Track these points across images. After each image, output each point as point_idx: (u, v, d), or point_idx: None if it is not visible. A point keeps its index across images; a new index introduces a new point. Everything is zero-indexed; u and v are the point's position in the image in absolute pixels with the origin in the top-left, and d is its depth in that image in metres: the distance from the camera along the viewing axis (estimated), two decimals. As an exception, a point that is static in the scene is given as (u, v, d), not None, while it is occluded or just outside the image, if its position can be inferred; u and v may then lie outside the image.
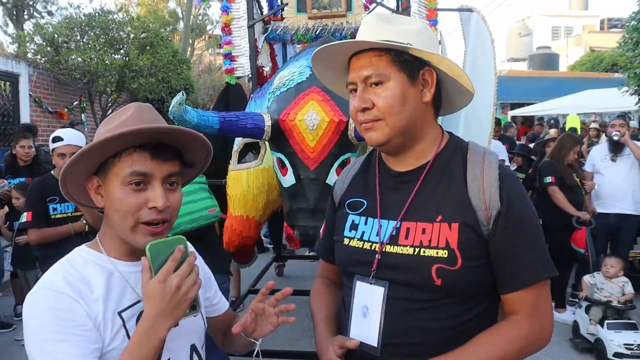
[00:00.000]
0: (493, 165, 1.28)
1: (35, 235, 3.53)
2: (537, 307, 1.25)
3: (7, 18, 18.72)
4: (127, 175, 1.16)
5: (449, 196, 1.27)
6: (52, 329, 1.06)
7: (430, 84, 1.31)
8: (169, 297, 1.08)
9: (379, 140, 1.30)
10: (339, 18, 4.04)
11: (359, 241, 1.36)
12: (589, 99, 12.07)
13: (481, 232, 1.23)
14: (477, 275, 1.24)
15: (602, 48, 25.76)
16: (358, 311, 1.32)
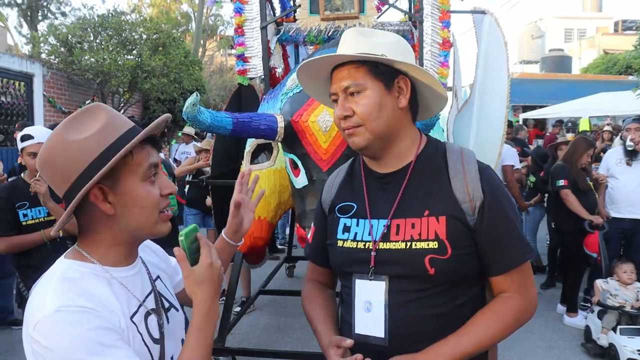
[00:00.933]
0: (472, 161, 1.42)
1: (4, 244, 3.21)
2: (524, 284, 1.40)
3: (21, 19, 18.93)
4: (147, 170, 1.17)
5: (434, 192, 1.39)
6: (97, 341, 1.03)
7: (405, 90, 1.42)
8: (217, 279, 1.17)
9: (360, 144, 1.41)
10: (351, 20, 4.03)
11: (353, 242, 1.45)
12: (603, 101, 11.99)
13: (467, 222, 1.35)
14: (466, 262, 1.36)
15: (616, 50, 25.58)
16: (361, 307, 1.41)
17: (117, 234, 1.18)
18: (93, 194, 1.13)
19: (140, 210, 1.16)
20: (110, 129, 1.14)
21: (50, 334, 1.02)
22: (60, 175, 1.13)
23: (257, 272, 5.23)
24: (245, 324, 4.82)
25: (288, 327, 4.91)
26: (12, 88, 9.22)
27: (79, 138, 1.11)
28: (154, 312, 1.23)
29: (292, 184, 2.89)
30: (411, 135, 1.46)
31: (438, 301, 1.36)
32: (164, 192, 1.20)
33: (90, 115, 1.16)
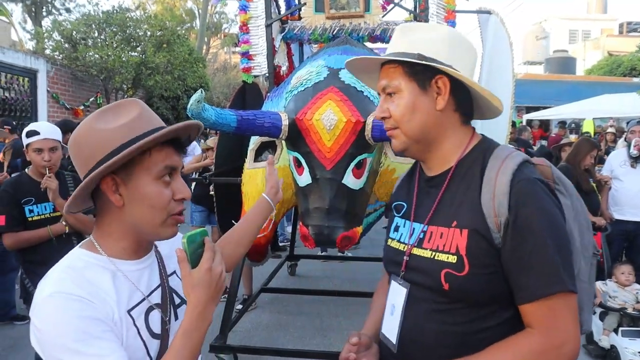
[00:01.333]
0: (508, 171, 1.24)
1: (10, 240, 3.19)
2: (553, 322, 1.18)
3: (26, 15, 18.97)
4: (161, 170, 1.18)
5: (464, 202, 1.29)
6: (82, 329, 1.06)
7: (443, 91, 1.32)
8: (214, 284, 1.14)
9: (398, 147, 1.38)
10: (356, 18, 4.03)
11: (398, 243, 1.43)
12: (607, 103, 11.97)
13: (492, 240, 1.22)
14: (487, 284, 1.23)
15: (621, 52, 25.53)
16: (388, 309, 1.41)
17: (125, 228, 1.20)
18: (105, 183, 1.17)
19: (148, 208, 1.18)
20: (137, 124, 1.17)
21: (42, 316, 1.07)
22: (83, 159, 1.18)
23: (259, 270, 5.24)
24: (247, 321, 4.83)
25: (289, 325, 4.91)
26: (16, 84, 9.24)
27: (105, 127, 1.16)
28: (157, 307, 1.24)
29: (295, 182, 2.89)
30: (457, 138, 1.36)
31: (453, 319, 1.26)
32: (177, 196, 1.21)
33: (122, 108, 1.20)
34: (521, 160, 1.28)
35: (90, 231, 1.28)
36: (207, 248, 1.15)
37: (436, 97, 1.32)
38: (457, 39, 1.35)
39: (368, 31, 4.04)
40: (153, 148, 1.17)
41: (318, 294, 5.41)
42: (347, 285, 5.87)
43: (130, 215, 1.19)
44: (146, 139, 1.14)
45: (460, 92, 1.33)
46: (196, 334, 1.13)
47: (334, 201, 2.68)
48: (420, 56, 1.30)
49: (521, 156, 1.30)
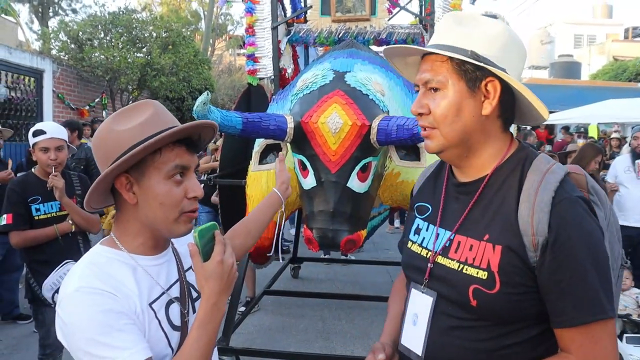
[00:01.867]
0: (549, 187, 1.17)
1: (17, 238, 3.20)
2: (591, 350, 1.14)
3: (32, 15, 19.06)
4: (171, 169, 1.21)
5: (499, 216, 1.21)
6: (106, 323, 1.10)
7: (492, 95, 1.22)
8: (227, 275, 1.18)
9: (433, 149, 1.29)
10: (362, 22, 4.04)
11: (419, 247, 1.37)
12: (612, 108, 11.91)
13: (527, 258, 1.15)
14: (518, 303, 1.17)
15: (626, 57, 25.46)
16: (410, 318, 1.34)
17: (141, 224, 1.25)
18: (119, 182, 1.22)
19: (159, 206, 1.21)
20: (149, 124, 1.21)
21: (68, 310, 1.13)
22: (102, 158, 1.24)
23: (262, 272, 5.24)
24: (249, 324, 4.83)
25: (292, 327, 4.91)
26: (22, 84, 9.27)
27: (120, 128, 1.22)
28: (177, 301, 1.29)
29: (300, 185, 2.89)
30: (497, 145, 1.27)
31: (482, 335, 1.20)
32: (189, 194, 1.24)
33: (137, 110, 1.25)
34: (563, 175, 1.21)
35: (96, 230, 1.33)
36: (217, 241, 1.19)
37: (483, 100, 1.22)
38: (513, 40, 1.25)
39: (374, 34, 4.05)
40: (164, 147, 1.21)
41: (321, 296, 5.41)
42: (350, 289, 5.87)
43: (144, 213, 1.23)
44: (153, 139, 1.17)
45: (506, 98, 1.24)
46: (211, 325, 1.17)
47: (339, 204, 2.68)
48: (474, 54, 1.20)
49: (562, 170, 1.23)
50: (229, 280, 1.19)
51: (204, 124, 1.27)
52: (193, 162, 1.27)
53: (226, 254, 1.19)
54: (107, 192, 1.28)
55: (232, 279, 1.20)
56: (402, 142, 2.70)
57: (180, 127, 1.22)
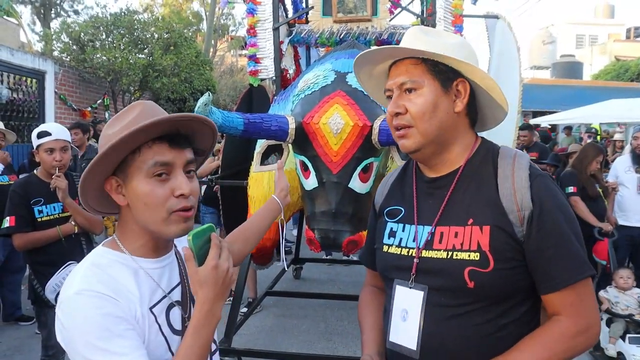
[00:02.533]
0: (523, 166, 1.30)
1: (20, 240, 3.21)
2: (580, 306, 1.25)
3: (34, 16, 19.10)
4: (151, 167, 1.17)
5: (479, 199, 1.30)
6: (106, 327, 1.08)
7: (463, 94, 1.35)
8: (221, 281, 1.15)
9: (410, 147, 1.35)
10: (363, 22, 4.03)
11: (397, 247, 1.40)
12: (614, 108, 11.89)
13: (514, 234, 1.25)
14: (511, 278, 1.25)
15: (628, 57, 25.42)
16: (398, 315, 1.35)
17: (138, 226, 1.23)
18: (108, 184, 1.22)
19: (144, 206, 1.18)
20: (133, 125, 1.17)
21: (67, 313, 1.11)
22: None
23: (264, 273, 5.24)
24: (251, 325, 4.82)
25: (294, 328, 4.91)
26: (24, 85, 9.28)
27: (110, 132, 1.21)
28: (178, 305, 1.27)
29: (302, 186, 2.89)
30: (466, 141, 1.39)
31: (479, 319, 1.26)
32: (176, 192, 1.18)
33: (127, 112, 1.25)
34: (528, 157, 1.36)
35: (99, 231, 1.32)
36: (212, 245, 1.16)
37: (454, 99, 1.34)
38: (470, 50, 1.39)
39: (375, 35, 4.04)
40: (143, 146, 1.18)
41: (323, 297, 5.41)
42: (352, 289, 5.87)
43: (135, 215, 1.21)
44: (119, 137, 1.13)
45: (471, 99, 1.37)
46: (205, 331, 1.15)
47: (340, 205, 2.68)
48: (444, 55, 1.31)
49: (525, 154, 1.37)
50: (223, 286, 1.16)
51: (182, 117, 1.20)
52: (179, 159, 1.20)
53: (221, 258, 1.16)
54: (102, 194, 1.26)
55: (228, 285, 1.17)
56: (404, 143, 2.69)
57: (148, 121, 1.15)
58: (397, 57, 1.38)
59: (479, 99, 1.39)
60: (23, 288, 5.50)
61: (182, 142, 1.23)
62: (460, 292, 1.26)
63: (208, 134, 1.33)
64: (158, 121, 1.16)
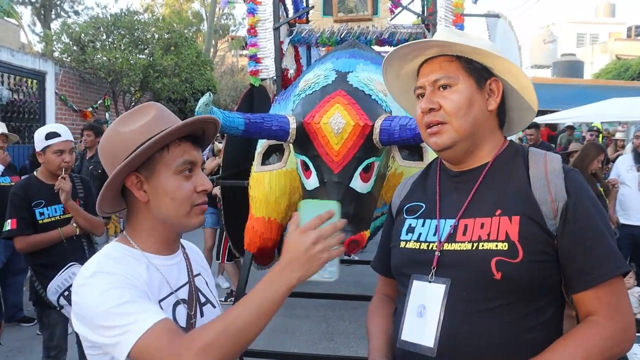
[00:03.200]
0: (556, 160, 1.30)
1: (22, 243, 3.19)
2: (617, 306, 1.19)
3: (35, 17, 19.12)
4: (180, 165, 1.25)
5: (508, 191, 1.28)
6: (121, 296, 1.11)
7: (496, 93, 1.35)
8: (303, 249, 1.12)
9: (444, 144, 1.33)
10: (365, 22, 4.03)
11: (416, 242, 1.36)
12: (615, 107, 11.87)
13: (546, 226, 1.21)
14: (540, 272, 1.20)
15: (629, 56, 25.37)
16: (413, 311, 1.29)
17: (153, 222, 1.29)
18: (130, 181, 1.26)
19: (171, 201, 1.25)
20: (154, 124, 1.25)
21: (83, 293, 1.15)
22: (110, 161, 1.27)
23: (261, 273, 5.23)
24: (253, 324, 4.82)
25: (296, 329, 4.91)
26: (25, 86, 9.29)
27: (126, 130, 1.26)
28: (183, 303, 1.30)
29: (303, 186, 2.88)
30: (495, 139, 1.38)
31: (505, 317, 1.19)
32: (198, 188, 1.27)
33: (141, 111, 1.30)
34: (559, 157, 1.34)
35: (100, 232, 1.34)
36: (316, 216, 1.14)
37: (487, 98, 1.34)
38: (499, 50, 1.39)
39: (376, 34, 4.04)
40: (171, 144, 1.24)
41: (324, 297, 5.39)
42: (354, 289, 5.87)
43: (156, 210, 1.27)
44: (161, 134, 1.20)
45: (502, 100, 1.37)
46: (267, 293, 1.12)
47: (342, 205, 2.66)
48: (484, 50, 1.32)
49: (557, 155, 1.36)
50: (305, 257, 1.11)
51: (207, 118, 1.30)
52: (199, 158, 1.30)
53: (317, 230, 1.13)
54: (118, 193, 1.31)
55: (311, 258, 1.12)
56: (405, 142, 2.69)
57: (186, 121, 1.25)
58: (437, 52, 1.36)
59: (509, 100, 1.39)
60: (25, 289, 5.51)
61: (199, 142, 1.32)
62: (485, 285, 1.21)
63: (212, 133, 1.38)
64: (193, 121, 1.26)
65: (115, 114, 11.25)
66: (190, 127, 1.26)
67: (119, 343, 1.08)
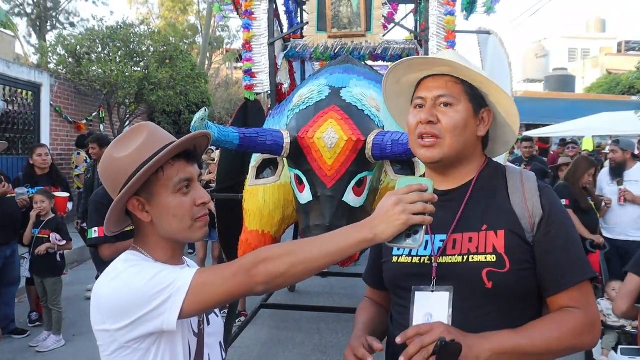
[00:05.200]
0: (531, 179, 1.44)
1: (108, 251, 3.31)
2: (587, 304, 1.33)
3: (30, 29, 19.15)
4: (177, 184, 1.30)
5: (493, 207, 1.40)
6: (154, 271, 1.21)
7: (486, 121, 1.47)
8: (385, 209, 1.20)
9: (434, 158, 1.42)
10: (358, 37, 4.09)
11: (408, 257, 1.45)
12: (605, 121, 12.00)
13: (526, 238, 1.35)
14: (524, 279, 1.34)
15: (619, 71, 25.66)
16: (420, 319, 1.37)
17: (159, 239, 1.34)
18: (131, 205, 1.32)
19: (173, 218, 1.30)
20: (146, 147, 1.29)
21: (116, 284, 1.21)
22: (111, 186, 1.34)
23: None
24: (246, 337, 4.82)
25: (289, 341, 4.91)
26: (20, 97, 9.30)
27: (120, 156, 1.30)
28: None
29: (296, 200, 2.92)
30: (477, 160, 1.49)
31: (498, 320, 1.32)
32: (197, 202, 1.32)
33: (133, 134, 1.34)
34: (533, 174, 1.49)
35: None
36: (407, 185, 1.24)
37: (479, 124, 1.45)
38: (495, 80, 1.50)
39: (369, 50, 4.10)
40: (165, 165, 1.28)
41: (318, 310, 5.42)
42: (347, 302, 5.88)
43: (160, 228, 1.32)
44: (151, 162, 1.26)
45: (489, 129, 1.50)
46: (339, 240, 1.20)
47: (335, 219, 2.70)
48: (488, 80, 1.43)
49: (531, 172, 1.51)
50: (385, 216, 1.18)
51: (197, 134, 1.35)
52: (195, 173, 1.34)
53: (402, 194, 1.20)
54: (122, 214, 1.37)
55: (389, 218, 1.18)
56: (397, 157, 2.74)
57: (175, 143, 1.29)
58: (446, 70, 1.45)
59: (496, 127, 1.52)
60: (17, 301, 5.50)
61: (193, 158, 1.36)
62: (479, 293, 1.32)
63: (204, 145, 1.43)
64: (182, 142, 1.29)
65: (110, 126, 11.26)
66: (181, 147, 1.30)
67: (172, 296, 1.16)
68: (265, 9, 4.10)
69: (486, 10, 4.42)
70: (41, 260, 4.77)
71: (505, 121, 1.50)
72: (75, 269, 7.58)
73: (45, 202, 4.86)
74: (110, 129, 11.22)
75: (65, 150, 10.26)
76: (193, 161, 1.35)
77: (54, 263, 4.86)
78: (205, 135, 1.37)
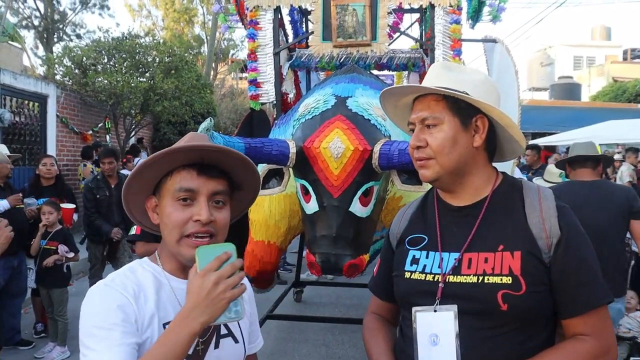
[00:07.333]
0: (549, 198, 1.39)
1: (142, 249, 3.53)
2: (602, 329, 1.31)
3: (37, 41, 19.30)
4: (176, 191, 1.25)
5: (509, 227, 1.37)
6: (102, 318, 1.16)
7: (481, 130, 1.42)
8: (205, 292, 1.10)
9: (429, 177, 1.43)
10: (363, 47, 4.09)
11: (421, 274, 1.42)
12: (612, 129, 11.95)
13: (543, 259, 1.32)
14: (540, 301, 1.31)
15: (625, 78, 25.59)
16: (425, 341, 1.36)
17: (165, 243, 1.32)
18: (148, 202, 1.33)
19: (165, 226, 1.27)
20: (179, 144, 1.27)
21: (86, 299, 1.22)
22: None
23: (264, 296, 5.20)
24: (252, 348, 4.78)
25: (295, 352, 4.87)
26: (27, 108, 9.35)
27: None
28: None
29: (302, 210, 2.90)
30: (486, 174, 1.46)
31: (512, 341, 1.30)
32: (193, 217, 1.23)
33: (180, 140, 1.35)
34: (551, 192, 1.44)
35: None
36: (214, 258, 1.13)
37: (473, 134, 1.41)
38: (492, 86, 1.49)
39: (375, 59, 4.09)
40: (175, 170, 1.26)
41: (324, 321, 5.37)
42: (354, 312, 5.83)
43: (162, 233, 1.30)
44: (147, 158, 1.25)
45: (490, 134, 1.44)
46: (171, 342, 1.09)
47: (341, 229, 2.68)
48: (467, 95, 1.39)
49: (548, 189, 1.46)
50: (206, 298, 1.09)
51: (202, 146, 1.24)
52: (204, 187, 1.24)
53: (217, 271, 1.11)
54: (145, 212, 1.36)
55: (214, 300, 1.09)
56: (404, 167, 2.72)
57: (172, 147, 1.24)
58: (419, 94, 1.46)
59: (498, 132, 1.47)
60: (23, 312, 5.48)
61: (211, 172, 1.27)
62: (491, 315, 1.30)
63: (240, 166, 1.33)
64: (173, 150, 1.23)
65: (115, 136, 11.29)
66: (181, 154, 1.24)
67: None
68: (270, 18, 4.11)
69: (492, 18, 4.41)
70: (47, 271, 4.76)
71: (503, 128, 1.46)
72: (80, 279, 7.57)
73: (54, 214, 4.86)
74: (116, 140, 11.26)
75: (72, 161, 10.29)
76: (205, 175, 1.25)
77: (60, 274, 4.85)
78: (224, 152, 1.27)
